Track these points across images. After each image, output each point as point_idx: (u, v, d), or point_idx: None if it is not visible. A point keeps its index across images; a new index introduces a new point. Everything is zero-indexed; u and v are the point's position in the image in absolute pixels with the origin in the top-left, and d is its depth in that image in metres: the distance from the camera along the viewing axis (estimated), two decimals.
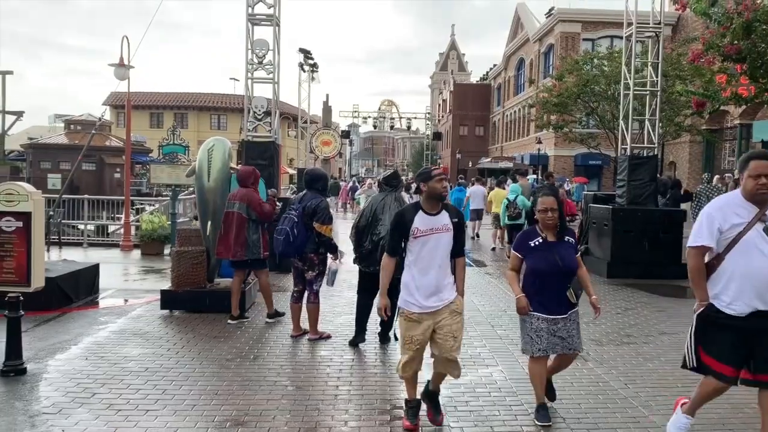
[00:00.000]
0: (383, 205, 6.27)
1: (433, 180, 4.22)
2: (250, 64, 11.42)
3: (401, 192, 6.70)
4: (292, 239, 6.40)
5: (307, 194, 6.65)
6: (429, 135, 65.60)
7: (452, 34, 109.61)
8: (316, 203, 6.46)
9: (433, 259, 4.20)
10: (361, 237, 6.31)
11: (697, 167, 32.14)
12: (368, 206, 6.48)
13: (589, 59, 21.87)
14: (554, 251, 4.28)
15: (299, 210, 6.48)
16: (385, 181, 6.66)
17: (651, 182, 11.72)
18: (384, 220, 6.08)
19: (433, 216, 4.23)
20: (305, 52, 32.92)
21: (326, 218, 6.44)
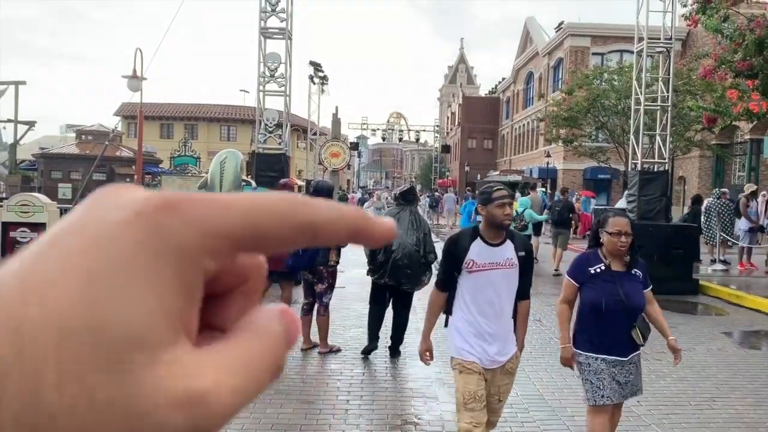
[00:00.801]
0: (398, 219, 6.31)
1: (494, 204, 3.41)
2: (262, 77, 11.51)
3: (416, 206, 6.80)
4: (301, 252, 6.40)
5: None
6: (437, 147, 65.69)
7: (461, 47, 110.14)
8: None
9: (492, 300, 3.46)
10: (375, 250, 6.30)
11: (706, 182, 32.00)
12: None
13: (599, 74, 21.90)
14: (619, 284, 3.50)
15: None
16: (401, 196, 6.74)
17: (662, 197, 11.68)
18: (397, 235, 6.15)
19: (495, 247, 3.47)
20: (315, 64, 33.15)
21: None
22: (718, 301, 10.53)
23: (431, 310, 3.72)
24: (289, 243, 0.26)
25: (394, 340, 6.54)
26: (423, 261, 6.29)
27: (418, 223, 6.53)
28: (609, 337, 3.56)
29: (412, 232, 6.36)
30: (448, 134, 76.87)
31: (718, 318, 9.16)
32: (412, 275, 6.26)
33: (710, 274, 13.05)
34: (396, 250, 6.22)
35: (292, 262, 6.48)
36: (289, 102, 11.69)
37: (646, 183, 11.75)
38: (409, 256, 6.19)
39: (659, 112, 11.95)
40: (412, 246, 6.24)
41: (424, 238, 6.39)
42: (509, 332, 3.54)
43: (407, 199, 6.58)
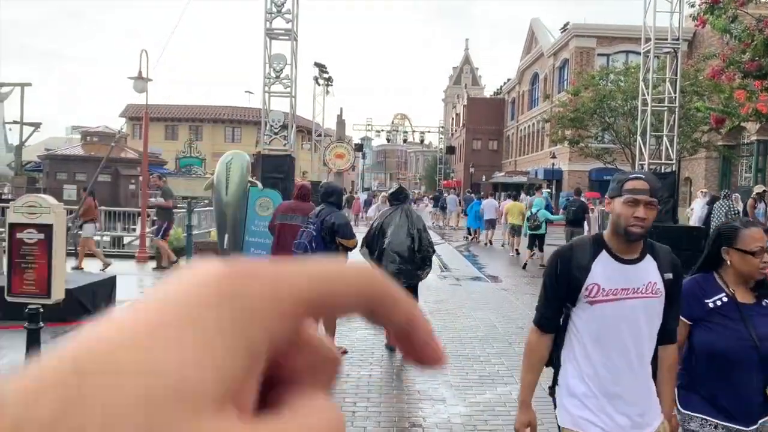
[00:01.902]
0: (392, 218, 6.66)
1: (623, 200, 2.26)
2: (268, 78, 11.51)
3: (409, 204, 7.08)
4: (311, 254, 6.40)
5: (323, 208, 6.68)
6: (442, 149, 65.63)
7: (466, 48, 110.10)
8: (334, 219, 6.49)
9: (625, 345, 2.33)
10: (370, 248, 6.71)
11: (713, 184, 31.85)
12: (377, 220, 6.95)
13: (605, 74, 21.82)
14: (748, 322, 2.52)
15: (317, 224, 6.50)
16: (392, 196, 7.05)
17: (669, 198, 11.62)
18: (390, 231, 6.50)
19: (629, 265, 2.34)
20: (320, 66, 33.17)
21: (348, 233, 6.55)
22: None
23: (530, 361, 2.64)
24: (354, 311, 0.26)
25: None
26: (419, 256, 6.53)
27: (411, 219, 6.70)
28: (733, 395, 2.53)
29: (403, 229, 6.57)
30: (452, 135, 76.82)
31: None
32: (405, 270, 6.45)
33: None
34: (387, 248, 6.50)
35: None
36: (294, 103, 11.69)
37: None
38: (400, 251, 6.44)
39: (666, 113, 11.89)
40: (403, 242, 6.48)
41: (418, 233, 6.59)
42: (650, 392, 2.39)
43: (398, 199, 6.89)
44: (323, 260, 0.25)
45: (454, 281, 12.25)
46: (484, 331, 7.85)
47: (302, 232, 6.59)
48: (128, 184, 35.13)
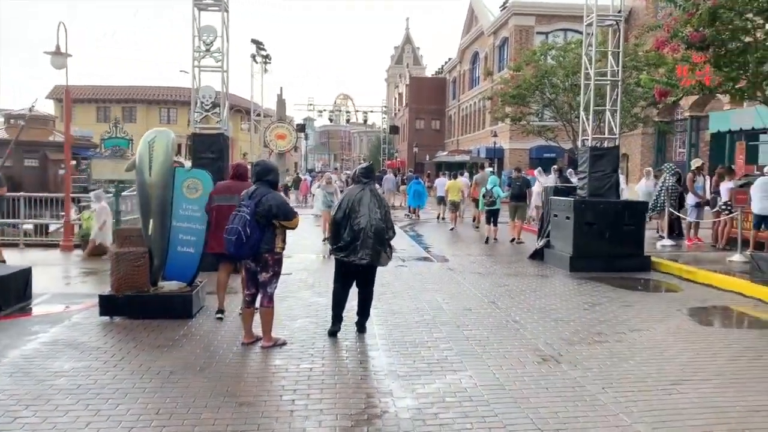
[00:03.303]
0: (360, 197, 6.38)
1: None
2: (197, 52, 10.77)
3: (375, 185, 6.78)
4: (245, 239, 5.88)
5: (258, 188, 6.15)
6: (385, 129, 65.20)
7: (407, 27, 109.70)
8: (271, 201, 5.99)
9: None
10: (339, 229, 6.37)
11: (649, 159, 32.59)
12: (345, 199, 6.52)
13: (547, 50, 21.77)
14: None
15: (251, 206, 5.97)
16: (362, 173, 6.68)
17: (612, 173, 11.55)
18: (362, 212, 6.25)
19: None
20: (258, 43, 32.16)
21: (288, 213, 6.10)
22: (671, 278, 10.48)
23: None
24: None
25: (361, 317, 6.62)
26: (386, 237, 6.36)
27: (379, 200, 6.46)
28: None
29: (375, 209, 6.33)
30: (395, 115, 76.43)
31: (673, 295, 9.05)
32: (380, 251, 6.30)
33: (660, 250, 13.07)
34: (365, 228, 6.22)
35: (234, 250, 5.95)
36: (227, 78, 10.98)
37: (596, 159, 11.60)
38: (377, 232, 6.24)
39: (609, 87, 11.77)
40: (380, 222, 6.28)
41: (385, 215, 6.41)
42: None
43: (368, 177, 6.60)
44: None
45: (399, 262, 11.91)
46: (431, 314, 7.52)
47: (234, 215, 6.05)
48: (57, 168, 33.32)
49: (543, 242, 12.33)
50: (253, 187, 6.23)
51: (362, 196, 6.38)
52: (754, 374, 5.39)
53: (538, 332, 6.70)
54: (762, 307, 8.22)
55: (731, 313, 8.10)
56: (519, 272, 10.94)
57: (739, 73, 8.52)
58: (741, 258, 11.09)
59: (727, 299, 8.70)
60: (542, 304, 8.20)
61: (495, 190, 15.43)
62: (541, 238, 12.51)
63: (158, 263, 7.34)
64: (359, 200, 6.35)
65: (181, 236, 7.41)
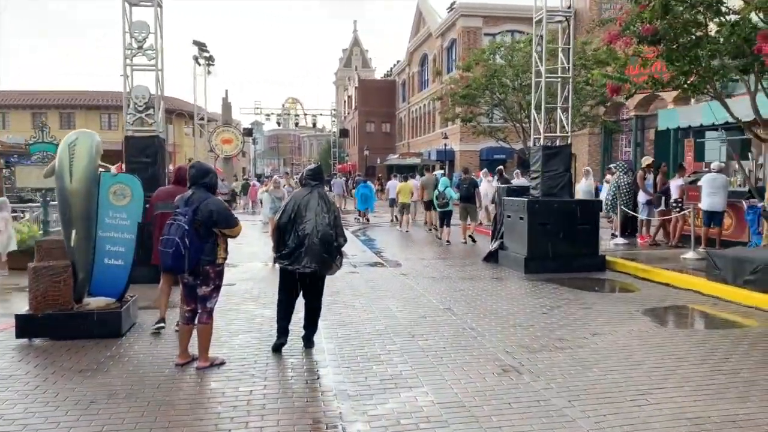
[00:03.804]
0: (308, 201, 5.91)
1: None
2: (129, 50, 10.06)
3: (323, 188, 6.23)
4: (184, 251, 5.27)
5: (195, 193, 5.58)
6: (335, 132, 64.59)
7: (355, 30, 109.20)
8: (212, 206, 5.43)
9: None
10: (283, 235, 5.88)
11: (596, 159, 33.01)
12: (290, 203, 6.02)
13: (496, 48, 21.66)
14: None
15: (189, 214, 5.39)
16: (310, 176, 6.17)
17: (565, 172, 11.35)
18: (308, 217, 5.78)
19: None
20: (200, 44, 31.19)
21: (231, 221, 5.56)
22: (627, 277, 10.31)
23: None
24: None
25: (308, 330, 6.12)
26: (335, 244, 5.88)
27: (328, 205, 5.97)
28: None
29: (323, 214, 5.85)
30: (345, 119, 75.88)
31: (631, 295, 8.84)
32: (328, 259, 5.82)
33: (613, 248, 12.97)
34: (311, 234, 5.73)
35: (172, 263, 5.34)
36: (161, 77, 10.30)
37: (549, 158, 11.38)
38: (323, 239, 5.76)
39: (559, 85, 11.58)
40: (327, 227, 5.80)
41: (335, 220, 5.92)
42: None
43: (316, 179, 6.13)
44: None
45: (350, 269, 11.43)
46: (383, 323, 7.06)
47: (170, 225, 5.45)
48: None
49: (497, 244, 12.04)
50: (189, 191, 5.65)
51: (309, 199, 5.91)
52: (724, 380, 5.11)
53: (497, 340, 6.32)
54: (721, 305, 8.07)
55: (691, 313, 7.91)
56: (474, 275, 10.60)
57: (691, 67, 8.39)
58: (694, 255, 11.04)
59: (686, 298, 8.53)
60: (499, 308, 7.84)
61: (447, 192, 15.53)
62: (495, 240, 12.22)
63: (83, 277, 6.66)
64: (306, 204, 5.88)
65: (109, 247, 6.75)
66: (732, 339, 6.35)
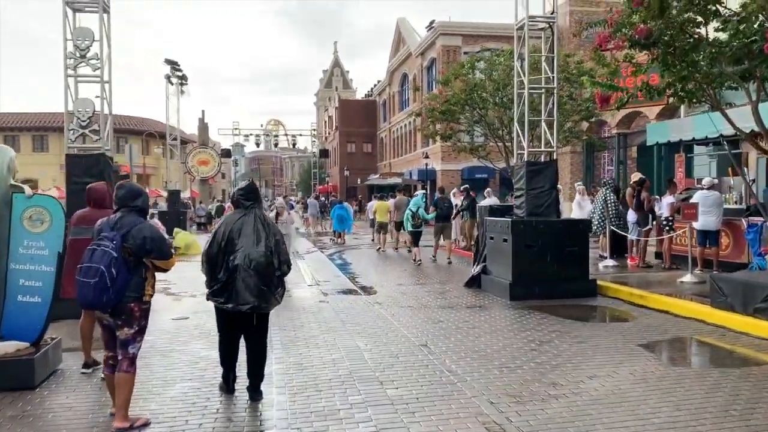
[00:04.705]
0: (241, 225, 4.98)
1: None
2: (70, 58, 9.11)
3: (261, 209, 5.23)
4: (110, 283, 4.36)
5: (123, 216, 4.66)
6: (315, 153, 63.71)
7: (335, 51, 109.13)
8: (146, 232, 4.54)
9: None
10: (213, 268, 4.99)
11: (578, 177, 32.43)
12: (220, 229, 5.06)
13: (476, 60, 20.96)
14: None
15: (117, 240, 4.48)
16: (242, 195, 5.20)
17: (551, 190, 10.52)
18: (241, 244, 4.86)
19: None
20: (172, 63, 30.25)
21: (165, 251, 4.71)
22: (621, 303, 9.43)
23: None
24: None
25: (252, 377, 5.11)
26: (277, 274, 4.97)
27: (267, 228, 5.03)
28: None
29: (260, 239, 4.92)
30: (326, 139, 75.13)
31: (628, 325, 7.94)
32: (266, 292, 4.87)
33: (603, 271, 12.14)
34: (241, 265, 4.81)
35: (94, 298, 4.42)
36: (108, 90, 9.35)
37: (533, 175, 10.55)
38: (258, 270, 4.82)
39: (543, 96, 10.80)
40: (261, 256, 4.85)
41: (276, 245, 4.97)
42: None
43: (250, 199, 5.17)
44: None
45: (320, 297, 10.46)
46: (348, 366, 6.08)
47: (91, 251, 4.52)
48: None
49: (479, 268, 11.15)
50: (118, 215, 4.72)
51: (243, 224, 4.99)
52: None
53: (480, 386, 5.38)
54: (730, 336, 7.20)
55: (699, 347, 7.02)
56: (454, 303, 9.68)
57: (689, 71, 7.62)
58: (692, 278, 10.22)
59: (689, 328, 7.66)
60: (482, 345, 6.90)
61: (421, 212, 15.48)
62: (477, 264, 11.33)
63: None
64: (239, 230, 4.94)
65: (23, 282, 5.73)
66: (753, 381, 5.45)
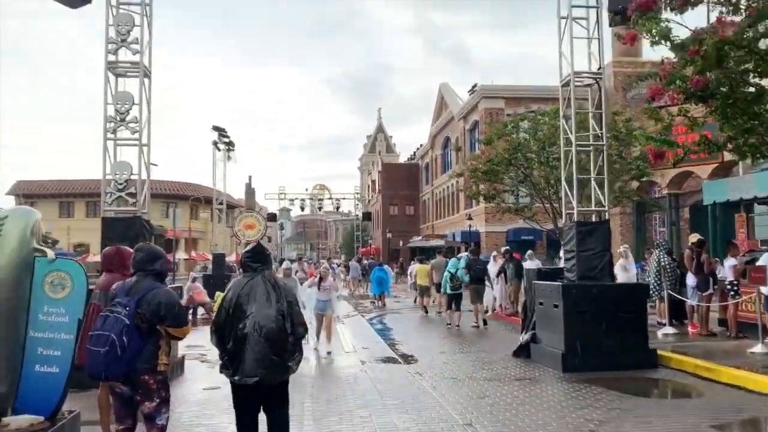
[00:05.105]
0: (249, 290, 4.62)
1: None
2: (110, 122, 9.14)
3: (271, 271, 4.87)
4: (120, 352, 4.08)
5: (139, 281, 4.40)
6: (358, 216, 64.06)
7: (379, 117, 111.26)
8: (161, 298, 4.26)
9: None
10: (222, 337, 4.64)
11: (628, 239, 31.31)
12: (227, 295, 4.71)
13: (520, 120, 20.65)
14: None
15: (131, 306, 4.22)
16: (249, 257, 4.84)
17: (604, 252, 9.87)
18: (250, 310, 4.50)
19: None
20: (219, 129, 30.98)
21: (180, 318, 4.41)
22: (686, 376, 8.59)
23: None
24: None
25: None
26: (291, 339, 4.60)
27: (278, 291, 4.66)
28: None
29: (270, 303, 4.56)
30: (369, 202, 75.57)
31: (696, 403, 7.15)
32: (278, 362, 4.48)
33: (663, 340, 11.26)
34: (250, 333, 4.44)
35: (105, 367, 4.13)
36: (147, 153, 9.33)
37: (584, 236, 9.94)
38: (270, 336, 4.45)
39: (592, 154, 10.32)
40: (272, 322, 4.49)
41: (288, 308, 4.61)
42: None
43: (259, 261, 4.80)
44: None
45: (358, 366, 9.92)
46: None
47: (104, 317, 4.27)
48: None
49: (528, 336, 10.45)
50: (134, 279, 4.47)
51: (252, 288, 4.63)
52: None
53: None
54: None
55: None
56: (501, 375, 8.99)
57: (752, 124, 7.06)
58: (763, 349, 9.32)
59: (766, 407, 6.82)
60: (534, 424, 6.23)
61: (460, 273, 14.88)
62: (526, 331, 10.64)
63: (5, 390, 5.31)
64: (247, 294, 4.58)
65: (41, 350, 5.40)
66: None
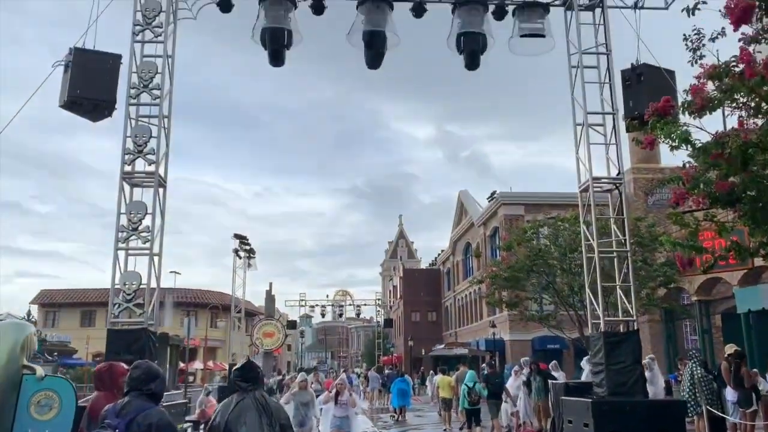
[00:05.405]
0: (239, 412, 4.35)
1: None
2: (121, 231, 9.07)
3: (262, 391, 4.54)
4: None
5: (131, 401, 4.06)
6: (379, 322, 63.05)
7: (400, 224, 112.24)
8: (153, 419, 3.92)
9: None
10: None
11: (659, 348, 30.06)
12: (216, 418, 4.43)
13: (540, 226, 20.45)
14: None
15: (121, 428, 3.88)
16: (239, 376, 4.56)
17: (635, 365, 9.27)
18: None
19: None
20: (241, 237, 31.23)
21: None
22: None
23: None
24: None
25: None
26: None
27: (269, 412, 4.38)
28: None
29: (261, 428, 4.30)
30: (391, 308, 74.57)
31: None
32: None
33: None
34: None
35: None
36: (158, 263, 9.17)
37: (612, 348, 9.39)
38: None
39: (616, 261, 9.95)
40: None
41: (281, 431, 4.38)
42: None
43: (249, 380, 4.55)
44: None
45: None
46: None
47: None
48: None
49: None
50: (126, 399, 4.12)
51: (241, 411, 4.33)
52: None
53: None
54: None
55: None
56: None
57: None
58: None
59: None
60: None
61: (477, 387, 14.58)
62: None
63: None
64: (236, 417, 4.27)
65: None
66: None
